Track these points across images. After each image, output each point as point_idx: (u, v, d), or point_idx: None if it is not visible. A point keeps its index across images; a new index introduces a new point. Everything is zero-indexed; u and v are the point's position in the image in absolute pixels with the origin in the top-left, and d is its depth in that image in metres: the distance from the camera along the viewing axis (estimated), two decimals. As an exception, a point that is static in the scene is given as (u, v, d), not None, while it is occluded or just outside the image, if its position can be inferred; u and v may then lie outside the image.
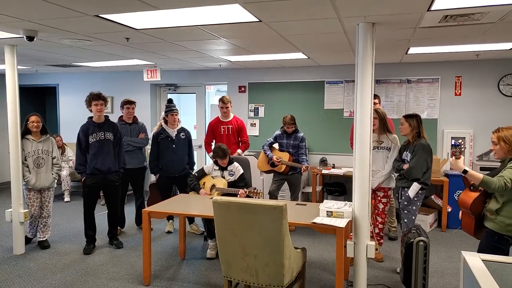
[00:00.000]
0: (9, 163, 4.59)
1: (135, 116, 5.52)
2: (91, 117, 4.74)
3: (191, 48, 4.91)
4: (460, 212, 3.37)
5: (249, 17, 3.31)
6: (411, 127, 4.11)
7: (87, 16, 3.33)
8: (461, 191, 3.57)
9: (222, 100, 5.59)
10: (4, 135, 5.10)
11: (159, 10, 3.08)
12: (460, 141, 3.25)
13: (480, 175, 2.94)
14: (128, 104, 5.40)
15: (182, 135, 5.22)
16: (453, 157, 3.11)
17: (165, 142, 5.15)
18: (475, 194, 3.15)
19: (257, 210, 2.78)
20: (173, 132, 5.16)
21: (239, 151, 5.57)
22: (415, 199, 4.08)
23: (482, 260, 2.04)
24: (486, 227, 3.07)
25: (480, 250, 3.05)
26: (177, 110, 5.17)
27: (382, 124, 4.31)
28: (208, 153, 5.74)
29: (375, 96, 5.21)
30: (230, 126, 5.60)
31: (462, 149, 3.18)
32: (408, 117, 4.17)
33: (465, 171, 3.02)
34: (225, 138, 5.52)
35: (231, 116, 5.67)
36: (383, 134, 4.33)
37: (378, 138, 4.30)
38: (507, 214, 2.94)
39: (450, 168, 4.12)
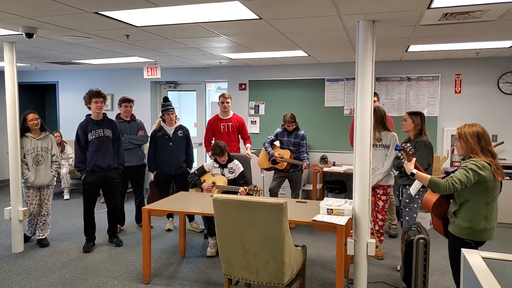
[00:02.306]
0: (8, 161, 4.58)
1: (132, 114, 5.51)
2: (89, 115, 4.73)
3: (191, 45, 4.90)
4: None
5: (249, 14, 3.30)
6: (414, 124, 4.10)
7: (86, 13, 3.32)
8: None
9: (223, 95, 5.61)
10: (4, 133, 5.08)
11: (159, 7, 3.07)
12: (403, 144, 3.17)
13: (428, 176, 2.83)
14: (125, 102, 5.39)
15: (180, 133, 5.21)
16: (404, 160, 3.08)
17: (162, 140, 5.14)
18: (437, 195, 2.99)
19: (257, 207, 2.78)
20: (170, 130, 5.16)
21: (248, 145, 5.60)
22: (417, 196, 4.09)
23: (482, 257, 2.03)
24: (449, 231, 2.94)
25: (449, 255, 2.98)
26: (173, 108, 5.16)
27: (379, 122, 4.30)
28: (207, 152, 5.73)
29: (374, 94, 5.20)
30: (230, 124, 5.59)
31: (409, 151, 3.10)
32: (412, 114, 4.15)
33: (412, 174, 2.97)
34: (225, 135, 5.51)
35: (231, 113, 5.67)
36: (381, 132, 4.33)
37: (374, 136, 4.28)
38: (464, 216, 2.80)
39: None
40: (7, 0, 2.97)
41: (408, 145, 3.15)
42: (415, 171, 2.98)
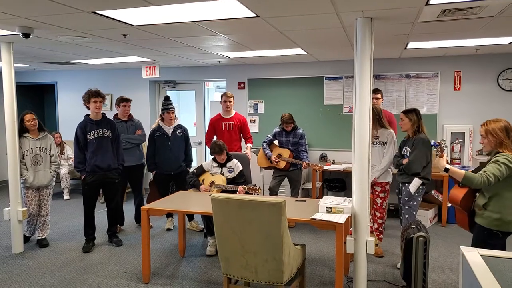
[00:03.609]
0: (7, 162, 4.57)
1: (130, 114, 5.49)
2: (88, 115, 4.71)
3: (189, 44, 4.88)
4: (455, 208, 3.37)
5: (246, 12, 3.29)
6: (411, 122, 4.11)
7: (83, 13, 3.31)
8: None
9: (225, 94, 5.60)
10: (2, 134, 5.07)
11: (155, 6, 3.06)
12: (439, 141, 3.26)
13: (462, 172, 2.93)
14: (124, 101, 5.38)
15: (179, 133, 5.20)
16: (437, 156, 3.15)
17: (161, 139, 5.14)
18: (464, 190, 3.14)
19: (256, 206, 2.77)
20: (169, 130, 5.15)
21: (249, 145, 5.59)
22: (416, 194, 4.08)
23: (480, 255, 2.02)
24: (476, 223, 3.07)
25: (472, 246, 3.04)
26: (173, 108, 5.15)
27: (376, 119, 4.29)
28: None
29: (378, 91, 5.15)
30: (232, 123, 5.58)
31: (444, 148, 3.19)
32: (407, 112, 4.16)
33: (446, 169, 3.03)
34: (227, 134, 5.50)
35: (233, 112, 5.66)
36: (378, 129, 4.32)
37: (371, 133, 4.26)
38: (494, 208, 2.93)
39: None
40: (3, 0, 2.95)
41: (444, 141, 3.24)
42: (449, 166, 3.05)
